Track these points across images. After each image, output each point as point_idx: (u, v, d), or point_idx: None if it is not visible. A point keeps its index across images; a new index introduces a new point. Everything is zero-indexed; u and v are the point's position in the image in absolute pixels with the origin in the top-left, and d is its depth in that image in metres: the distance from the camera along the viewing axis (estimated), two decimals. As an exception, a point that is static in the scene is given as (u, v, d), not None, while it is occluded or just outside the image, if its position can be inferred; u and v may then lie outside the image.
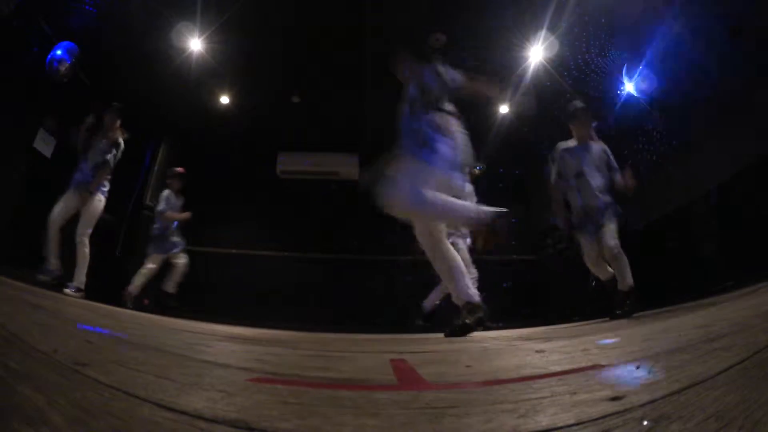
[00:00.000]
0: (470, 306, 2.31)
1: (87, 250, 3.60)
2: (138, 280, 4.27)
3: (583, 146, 3.32)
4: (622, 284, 3.07)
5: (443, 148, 2.32)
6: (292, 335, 3.16)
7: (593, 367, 0.92)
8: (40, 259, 3.46)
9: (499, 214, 2.17)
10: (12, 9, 3.39)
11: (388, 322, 4.98)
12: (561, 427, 0.51)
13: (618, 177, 3.23)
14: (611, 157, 3.31)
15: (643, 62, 4.06)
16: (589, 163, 3.25)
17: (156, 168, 5.65)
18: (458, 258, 2.45)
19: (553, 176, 3.40)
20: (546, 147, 5.17)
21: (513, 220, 2.36)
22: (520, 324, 4.05)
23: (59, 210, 3.55)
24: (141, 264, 4.31)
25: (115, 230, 4.93)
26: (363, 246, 5.90)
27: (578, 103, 3.45)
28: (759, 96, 2.93)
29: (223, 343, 1.81)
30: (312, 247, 5.57)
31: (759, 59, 2.92)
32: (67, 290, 3.38)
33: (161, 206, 4.53)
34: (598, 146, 3.34)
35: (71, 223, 3.62)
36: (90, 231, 3.61)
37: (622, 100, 4.51)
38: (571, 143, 3.38)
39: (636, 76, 4.12)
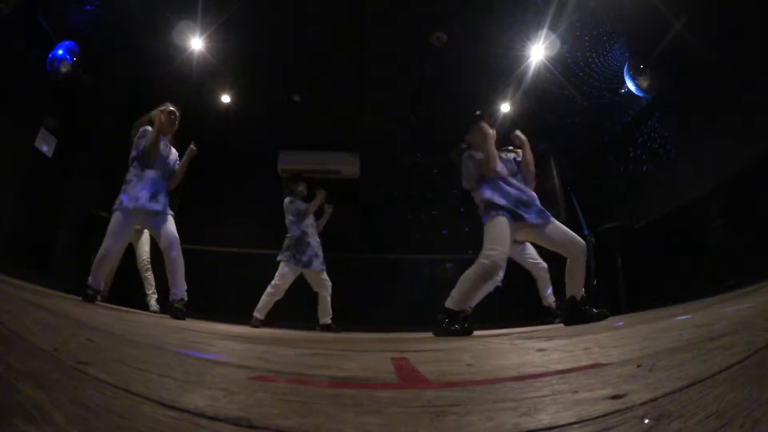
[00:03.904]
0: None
1: None
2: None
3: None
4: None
5: None
6: (294, 334, 3.17)
7: (594, 365, 0.92)
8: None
9: None
10: (12, 9, 3.39)
11: (389, 320, 4.98)
12: (562, 426, 0.51)
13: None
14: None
15: (645, 61, 4.06)
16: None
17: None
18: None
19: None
20: (546, 146, 5.16)
21: None
22: (521, 323, 4.05)
23: None
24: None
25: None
26: (363, 244, 5.91)
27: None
28: (759, 95, 2.93)
29: (225, 342, 1.81)
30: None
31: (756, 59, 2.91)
32: None
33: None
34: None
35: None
36: None
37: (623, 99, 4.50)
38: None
39: (637, 74, 4.12)
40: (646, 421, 0.50)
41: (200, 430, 0.51)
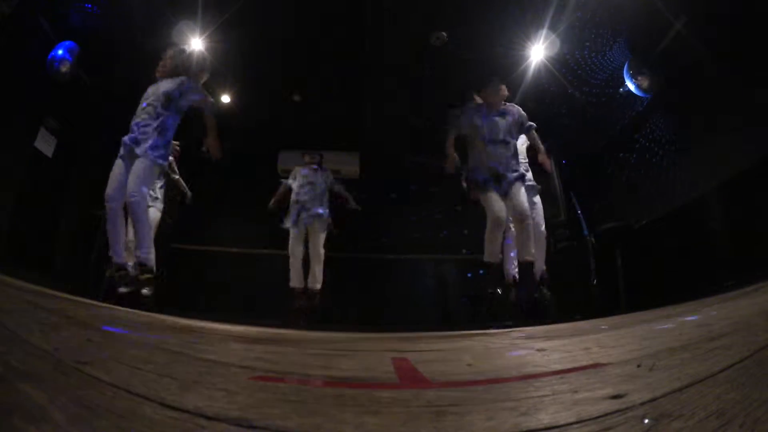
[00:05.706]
0: None
1: None
2: None
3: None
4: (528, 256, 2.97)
5: None
6: (294, 334, 3.16)
7: (594, 365, 0.92)
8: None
9: None
10: (12, 9, 3.39)
11: (389, 320, 4.98)
12: (562, 425, 0.51)
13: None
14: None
15: (645, 61, 4.05)
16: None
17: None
18: None
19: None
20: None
21: None
22: (522, 322, 4.04)
23: None
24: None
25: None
26: (363, 245, 5.91)
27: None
28: (759, 94, 2.93)
29: (225, 342, 1.81)
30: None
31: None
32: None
33: None
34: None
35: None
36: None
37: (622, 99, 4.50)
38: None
39: (637, 74, 4.11)
40: (646, 421, 0.50)
41: (200, 430, 0.51)
